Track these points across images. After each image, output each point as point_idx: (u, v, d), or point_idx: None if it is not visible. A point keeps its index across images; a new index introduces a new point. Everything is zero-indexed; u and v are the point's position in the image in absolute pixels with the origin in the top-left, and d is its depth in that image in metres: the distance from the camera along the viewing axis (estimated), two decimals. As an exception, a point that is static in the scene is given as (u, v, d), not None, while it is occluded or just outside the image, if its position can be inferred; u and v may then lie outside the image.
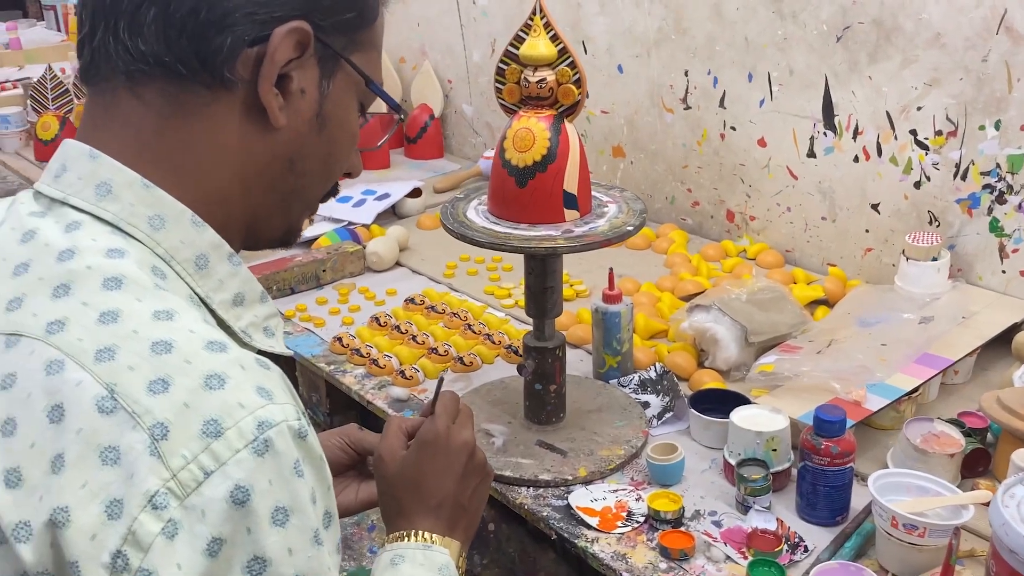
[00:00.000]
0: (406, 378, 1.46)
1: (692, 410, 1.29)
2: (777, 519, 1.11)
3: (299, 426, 0.60)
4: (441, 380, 0.91)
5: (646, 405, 1.37)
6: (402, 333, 1.60)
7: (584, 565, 1.15)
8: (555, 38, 1.13)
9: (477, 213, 1.22)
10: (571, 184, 1.15)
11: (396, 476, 0.89)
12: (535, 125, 1.14)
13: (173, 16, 0.65)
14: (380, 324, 1.63)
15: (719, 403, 1.30)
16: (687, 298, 1.69)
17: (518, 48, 1.14)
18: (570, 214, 1.17)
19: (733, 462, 1.18)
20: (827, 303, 1.64)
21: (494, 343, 1.56)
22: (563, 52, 1.13)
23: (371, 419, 1.51)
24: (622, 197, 1.27)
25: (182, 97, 0.67)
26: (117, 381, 0.58)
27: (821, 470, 1.10)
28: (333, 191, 0.80)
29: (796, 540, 1.09)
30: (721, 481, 1.22)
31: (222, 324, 0.69)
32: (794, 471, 1.18)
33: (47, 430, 0.58)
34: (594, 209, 1.21)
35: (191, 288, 0.68)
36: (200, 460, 0.57)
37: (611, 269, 1.42)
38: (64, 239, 0.65)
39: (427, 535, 0.85)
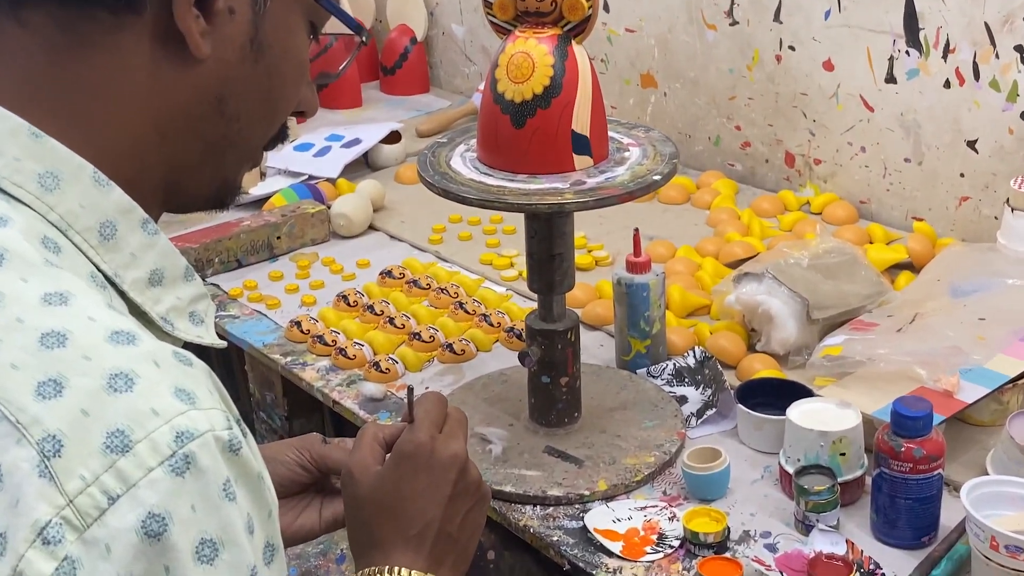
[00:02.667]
0: (381, 371, 1.47)
1: (740, 406, 1.29)
2: (847, 541, 1.11)
3: (229, 436, 0.60)
4: (411, 390, 0.90)
5: (683, 400, 1.37)
6: (376, 315, 1.61)
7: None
8: (557, -63, 1.12)
9: (464, 162, 1.21)
10: (582, 123, 1.15)
11: (369, 497, 0.89)
12: (535, 48, 1.14)
13: None
14: (349, 304, 1.65)
15: (774, 396, 1.30)
16: (735, 264, 1.68)
17: (511, -49, 1.13)
18: (581, 161, 1.16)
19: (791, 470, 1.18)
20: (911, 267, 1.64)
21: (492, 325, 1.56)
22: (568, -46, 1.12)
23: (340, 423, 1.51)
24: (647, 138, 1.26)
25: (78, 24, 0.67)
26: None
27: (902, 479, 1.10)
28: (281, 136, 0.80)
29: (871, 567, 1.09)
30: (776, 494, 1.22)
31: (135, 310, 0.69)
32: (868, 480, 1.18)
33: None
34: (612, 154, 1.21)
35: (94, 264, 0.67)
36: (103, 482, 0.57)
37: (636, 230, 1.41)
38: (-73, 205, 0.65)
39: (406, 572, 0.86)
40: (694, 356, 1.42)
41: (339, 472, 0.96)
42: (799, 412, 1.21)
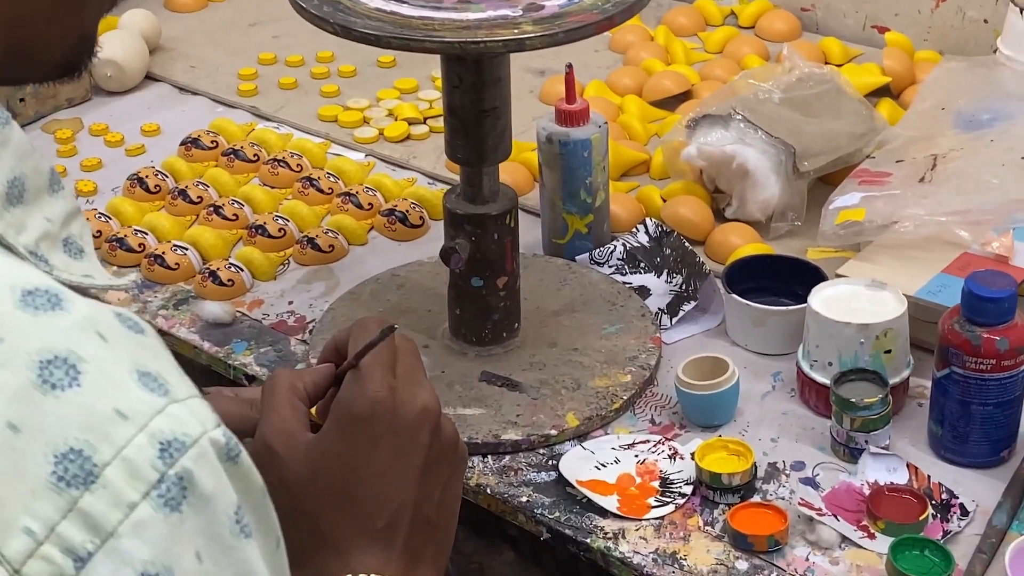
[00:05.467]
0: (222, 283, 1.39)
1: (733, 296, 1.26)
2: (908, 465, 1.10)
3: (225, 438, 0.56)
4: (391, 330, 0.84)
5: (644, 292, 1.35)
6: (193, 203, 1.53)
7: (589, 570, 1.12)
8: None
9: (357, -17, 1.10)
10: (527, -79, 1.06)
11: (307, 482, 0.83)
12: None
13: None
14: (149, 189, 1.56)
15: (769, 279, 1.31)
16: (667, 103, 1.65)
17: None
18: (526, -23, 1.08)
19: (822, 378, 1.16)
20: (888, 93, 1.64)
21: (362, 208, 1.50)
22: None
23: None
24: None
25: None
26: None
27: (978, 380, 1.08)
28: None
29: (943, 497, 1.08)
30: (798, 410, 1.20)
31: None
32: (916, 384, 1.19)
33: None
34: (559, -36, 1.13)
35: None
36: (63, 535, 0.50)
37: (570, 67, 1.34)
38: None
39: (376, 580, 0.82)
40: (646, 231, 1.39)
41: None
42: (824, 299, 1.18)
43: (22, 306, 0.52)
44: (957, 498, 1.08)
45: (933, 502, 1.07)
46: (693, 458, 1.12)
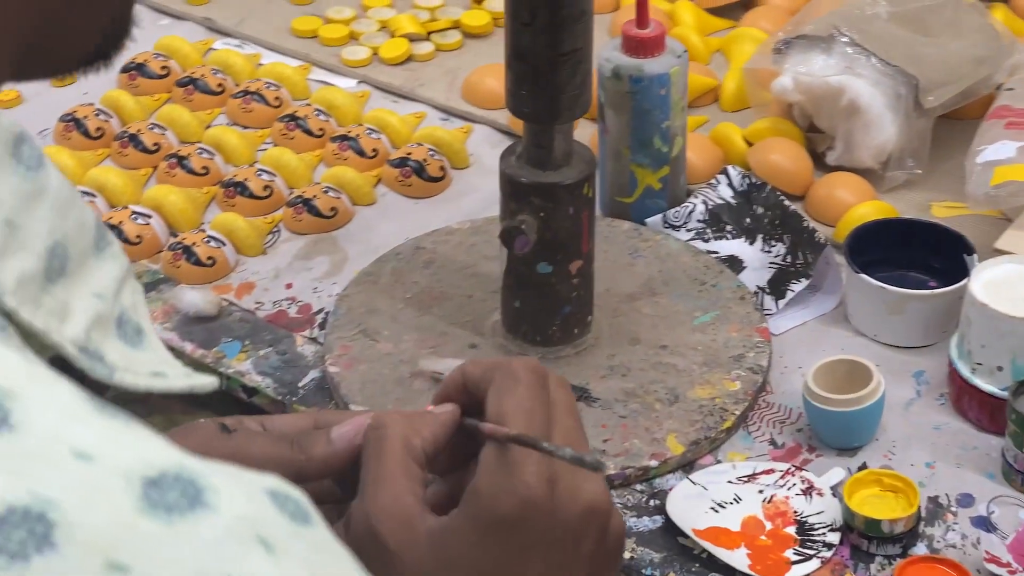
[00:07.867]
0: (201, 263, 1.28)
1: (862, 275, 1.17)
2: None
3: None
4: (599, 467, 0.76)
5: (736, 265, 1.27)
6: (149, 151, 1.42)
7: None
8: None
9: None
10: None
11: None
12: None
13: None
14: (90, 135, 1.45)
15: (894, 249, 1.23)
16: (725, 12, 1.57)
17: None
18: None
19: (991, 388, 1.07)
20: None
21: (365, 156, 1.39)
22: None
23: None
24: None
25: None
26: None
27: None
28: None
29: None
30: (952, 422, 1.12)
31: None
32: None
33: None
34: None
35: None
36: None
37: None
38: None
39: None
40: (729, 183, 1.31)
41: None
42: (986, 284, 1.10)
43: (148, 509, 0.43)
44: None
45: None
46: (836, 494, 1.04)
